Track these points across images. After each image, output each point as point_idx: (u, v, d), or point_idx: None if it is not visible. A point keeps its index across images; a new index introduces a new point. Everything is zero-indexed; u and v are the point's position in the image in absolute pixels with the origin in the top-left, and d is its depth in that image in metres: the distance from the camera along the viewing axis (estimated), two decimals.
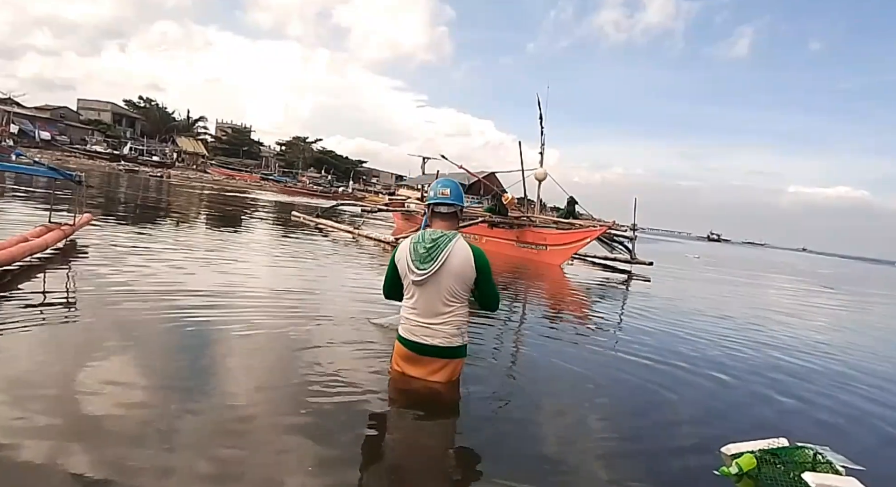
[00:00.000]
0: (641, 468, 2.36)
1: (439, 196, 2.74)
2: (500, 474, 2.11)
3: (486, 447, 2.38)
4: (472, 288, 2.69)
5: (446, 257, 2.58)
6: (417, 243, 2.64)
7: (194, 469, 1.88)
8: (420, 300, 2.66)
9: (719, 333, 5.84)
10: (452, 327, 2.66)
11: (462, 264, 2.60)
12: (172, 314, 3.71)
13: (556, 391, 3.29)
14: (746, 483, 2.25)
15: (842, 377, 4.54)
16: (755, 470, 2.27)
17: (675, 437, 2.80)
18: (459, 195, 2.77)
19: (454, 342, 2.68)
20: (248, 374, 2.85)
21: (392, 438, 2.40)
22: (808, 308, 10.50)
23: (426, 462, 2.27)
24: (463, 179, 17.05)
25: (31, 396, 2.28)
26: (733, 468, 2.27)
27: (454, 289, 2.62)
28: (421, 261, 2.60)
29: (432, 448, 2.40)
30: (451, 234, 2.66)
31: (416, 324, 2.68)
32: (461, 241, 2.65)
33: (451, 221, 2.76)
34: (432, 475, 2.17)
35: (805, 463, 2.29)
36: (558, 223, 13.34)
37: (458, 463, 2.27)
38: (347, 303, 4.74)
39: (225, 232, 10.83)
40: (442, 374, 2.72)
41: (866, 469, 2.33)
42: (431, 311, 2.64)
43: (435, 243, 2.60)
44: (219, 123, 68.34)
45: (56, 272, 4.71)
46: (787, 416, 3.34)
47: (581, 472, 2.27)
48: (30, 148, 32.57)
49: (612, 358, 4.22)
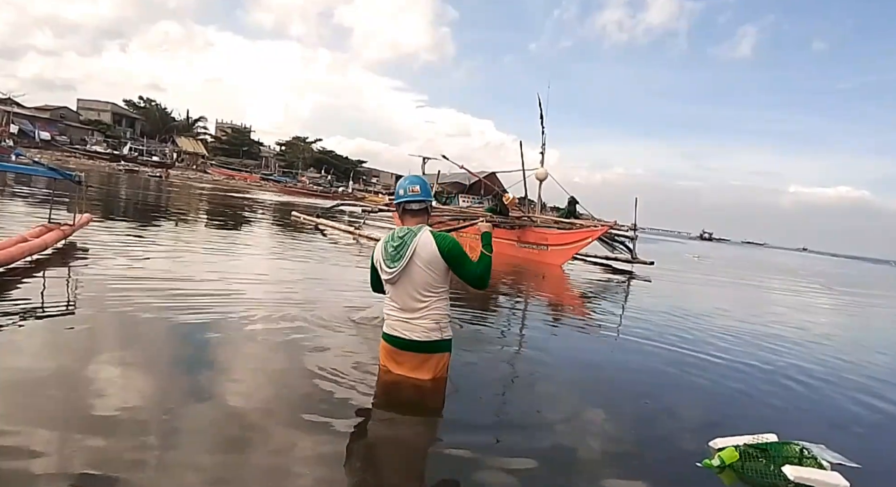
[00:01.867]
0: (633, 469, 2.35)
1: (409, 194, 2.74)
2: (482, 471, 2.11)
3: (471, 444, 2.35)
4: (449, 275, 2.67)
5: (413, 252, 2.59)
6: (388, 243, 2.68)
7: (191, 470, 1.87)
8: (397, 297, 2.68)
9: (719, 333, 5.81)
10: (430, 321, 2.66)
11: (428, 255, 2.60)
12: (172, 314, 3.69)
13: (554, 392, 3.27)
14: (728, 475, 2.28)
15: (841, 376, 4.52)
16: (739, 464, 2.31)
17: (672, 436, 2.78)
18: (428, 191, 2.79)
19: (432, 336, 2.67)
20: (243, 375, 2.84)
21: (376, 436, 2.40)
22: (808, 309, 10.48)
23: (408, 460, 2.26)
24: (463, 180, 17.04)
25: (31, 396, 2.26)
26: (716, 460, 2.31)
27: (427, 282, 2.62)
28: (391, 260, 2.63)
29: (415, 446, 2.40)
30: (416, 229, 2.66)
31: (396, 319, 2.70)
32: (425, 233, 2.64)
33: (421, 216, 2.76)
34: (413, 474, 2.16)
35: (792, 458, 2.33)
36: (559, 223, 13.32)
37: (440, 462, 2.25)
38: (347, 304, 4.72)
39: (225, 233, 10.81)
40: (425, 370, 2.72)
41: (862, 467, 2.39)
42: (408, 306, 2.66)
43: (402, 241, 2.63)
44: (219, 124, 68.33)
45: (56, 273, 4.68)
46: (789, 415, 3.34)
47: (570, 472, 2.26)
48: (30, 148, 32.53)
49: (613, 359, 4.20)
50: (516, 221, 12.81)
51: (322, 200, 30.59)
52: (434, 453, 2.36)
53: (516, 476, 2.12)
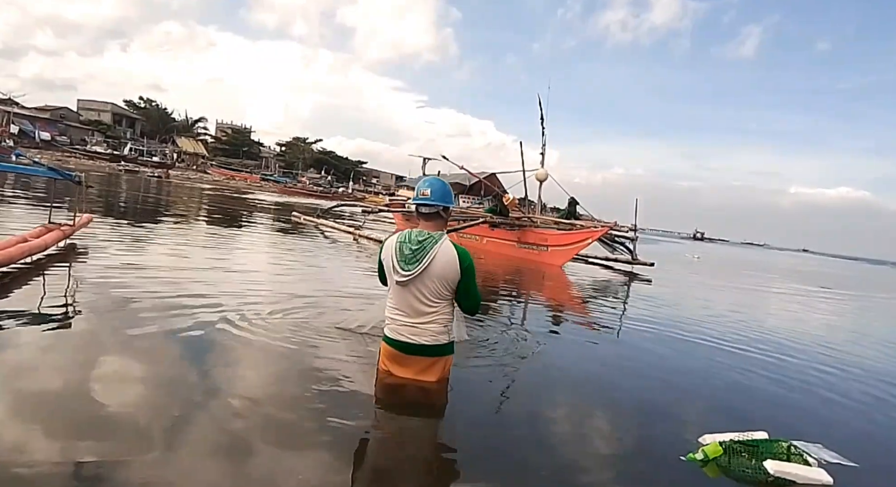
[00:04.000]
0: (633, 468, 2.36)
1: (420, 197, 2.68)
2: (485, 475, 2.11)
3: (473, 448, 2.36)
4: (455, 289, 2.64)
5: (431, 260, 2.54)
6: (403, 244, 2.60)
7: (189, 472, 1.87)
8: (404, 300, 2.63)
9: (719, 333, 5.81)
10: (439, 325, 2.64)
11: (446, 266, 2.56)
12: (172, 315, 3.68)
13: (551, 393, 3.26)
14: (712, 469, 2.32)
15: (843, 375, 4.52)
16: (725, 459, 2.34)
17: (671, 434, 2.77)
18: (443, 195, 2.67)
19: (440, 339, 2.65)
20: (243, 376, 2.84)
21: (378, 439, 2.39)
22: (809, 310, 10.48)
23: (410, 463, 2.25)
24: (464, 180, 17.02)
25: (31, 397, 2.26)
26: (699, 454, 2.35)
27: (437, 290, 2.59)
28: (406, 262, 2.57)
29: (417, 448, 2.39)
30: (437, 235, 2.61)
31: (402, 324, 2.65)
32: (447, 243, 2.61)
33: (435, 221, 2.68)
34: (416, 476, 2.15)
35: (780, 455, 2.36)
36: (559, 224, 13.31)
37: (442, 465, 2.25)
38: (346, 305, 4.72)
39: (225, 233, 10.81)
40: (431, 373, 2.70)
41: (859, 466, 2.43)
42: (416, 311, 2.62)
43: (421, 246, 2.56)
44: (219, 124, 68.30)
45: (56, 273, 4.68)
46: (789, 413, 3.33)
47: (562, 473, 2.25)
48: (30, 148, 32.54)
49: (614, 359, 4.20)
50: (516, 221, 12.82)
51: (322, 200, 30.58)
52: (434, 453, 2.36)
53: (517, 476, 2.12)
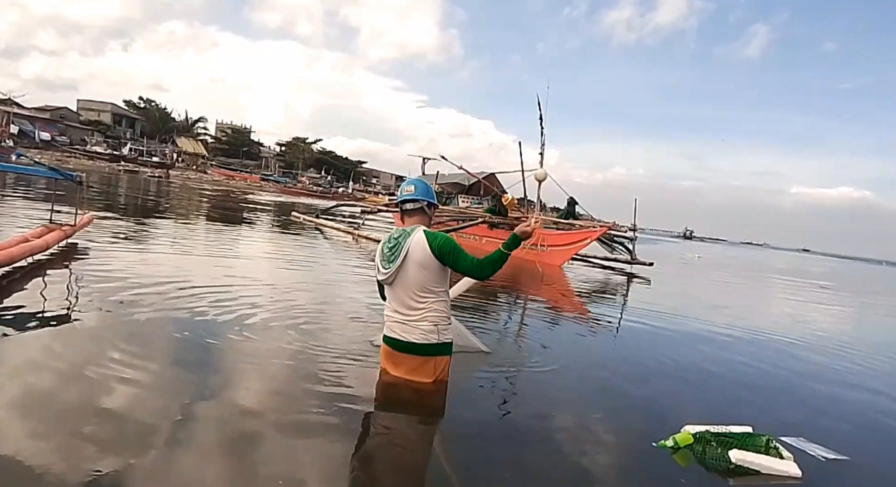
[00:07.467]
0: (632, 468, 2.38)
1: (404, 194, 2.77)
2: (483, 471, 2.13)
3: (469, 451, 2.36)
4: (447, 275, 2.65)
5: (406, 253, 2.58)
6: (384, 244, 2.70)
7: (191, 472, 1.90)
8: (396, 297, 2.69)
9: (719, 333, 5.84)
10: (428, 323, 2.63)
11: (420, 252, 2.58)
12: (172, 315, 3.71)
13: (550, 394, 3.26)
14: (683, 456, 2.39)
15: (841, 375, 4.55)
16: (699, 447, 2.41)
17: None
18: (425, 191, 2.79)
19: (430, 338, 2.65)
20: (244, 376, 2.86)
21: (376, 438, 2.39)
22: (809, 311, 10.50)
23: (409, 462, 2.26)
24: (463, 180, 17.04)
25: (31, 397, 2.28)
26: (669, 442, 2.44)
27: (423, 283, 2.61)
28: (386, 261, 2.64)
29: (416, 448, 2.40)
30: (410, 229, 2.66)
31: (395, 321, 2.70)
32: (419, 232, 2.62)
33: (418, 216, 2.76)
34: (414, 476, 2.16)
35: (758, 448, 2.43)
36: (558, 224, 13.33)
37: (441, 464, 2.26)
38: (344, 304, 4.75)
39: (225, 233, 10.83)
40: (423, 372, 2.69)
41: (850, 459, 2.54)
42: (406, 306, 2.65)
43: (396, 242, 2.64)
44: (219, 124, 68.26)
45: (57, 273, 4.70)
46: (788, 411, 3.34)
47: (571, 470, 2.27)
48: (30, 149, 32.53)
49: (615, 360, 4.22)
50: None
51: (322, 200, 30.59)
52: (435, 454, 2.37)
53: (517, 475, 2.14)
